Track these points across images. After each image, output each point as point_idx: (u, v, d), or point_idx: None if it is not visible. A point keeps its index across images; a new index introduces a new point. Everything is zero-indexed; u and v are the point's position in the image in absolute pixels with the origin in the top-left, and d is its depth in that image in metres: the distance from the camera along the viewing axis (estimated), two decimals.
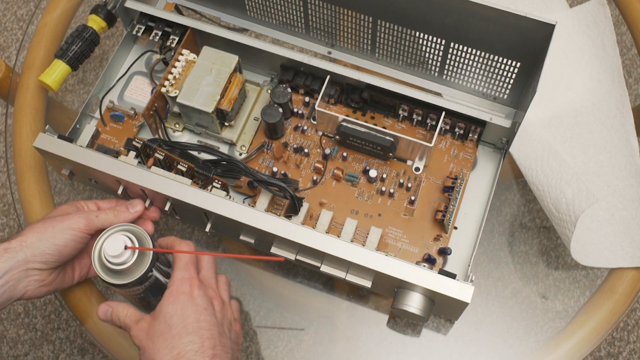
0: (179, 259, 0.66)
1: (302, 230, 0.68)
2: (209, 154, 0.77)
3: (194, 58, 0.78)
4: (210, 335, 0.60)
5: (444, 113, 0.75)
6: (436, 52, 0.77)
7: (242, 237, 0.72)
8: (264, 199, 0.73)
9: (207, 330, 0.60)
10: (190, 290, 0.63)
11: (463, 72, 0.78)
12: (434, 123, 0.78)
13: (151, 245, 0.66)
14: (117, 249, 0.63)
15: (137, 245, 0.65)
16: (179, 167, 0.73)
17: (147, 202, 0.75)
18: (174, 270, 0.65)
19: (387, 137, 0.75)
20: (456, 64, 0.77)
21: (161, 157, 0.73)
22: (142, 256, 0.65)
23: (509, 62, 0.74)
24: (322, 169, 0.78)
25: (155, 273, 0.67)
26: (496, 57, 0.74)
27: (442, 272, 0.68)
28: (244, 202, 0.76)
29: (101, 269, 0.65)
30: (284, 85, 0.78)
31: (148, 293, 0.69)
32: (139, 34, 0.83)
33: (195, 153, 0.78)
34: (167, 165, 0.74)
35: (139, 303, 0.73)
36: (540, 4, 0.90)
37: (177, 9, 0.88)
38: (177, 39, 0.81)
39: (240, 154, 0.80)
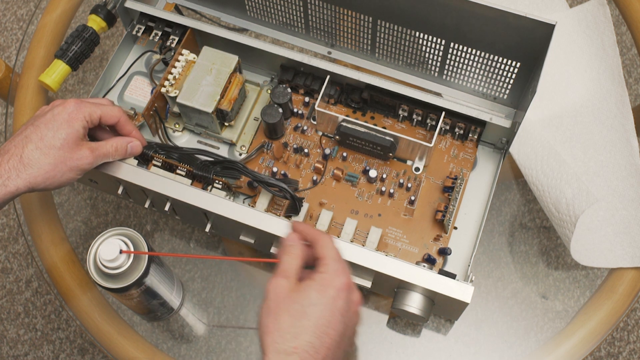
0: (329, 245, 0.61)
1: None
2: (207, 156, 0.76)
3: (194, 58, 0.78)
4: (329, 345, 0.57)
5: (443, 113, 0.75)
6: (436, 52, 0.77)
7: (242, 237, 0.72)
8: (263, 199, 0.73)
9: (330, 339, 0.57)
10: (340, 286, 0.58)
11: (463, 72, 0.78)
12: (434, 123, 0.78)
13: (146, 249, 0.66)
14: (112, 253, 0.63)
15: (132, 249, 0.65)
16: (178, 171, 0.73)
17: (147, 203, 0.75)
18: (325, 257, 0.60)
19: (387, 137, 0.75)
20: (456, 64, 0.77)
21: (159, 164, 0.73)
22: (138, 260, 0.65)
23: (509, 62, 0.74)
24: (322, 169, 0.78)
25: (151, 276, 0.67)
26: (496, 57, 0.74)
27: (442, 272, 0.68)
28: (244, 202, 0.76)
29: (97, 274, 0.65)
30: (284, 85, 0.78)
31: (146, 296, 0.69)
32: (139, 34, 0.83)
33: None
34: (168, 168, 0.74)
35: (137, 307, 0.73)
36: (540, 4, 0.90)
37: (177, 9, 0.88)
38: (177, 39, 0.81)
39: (240, 154, 0.80)
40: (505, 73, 0.76)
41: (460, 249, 0.74)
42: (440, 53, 0.77)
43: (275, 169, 0.77)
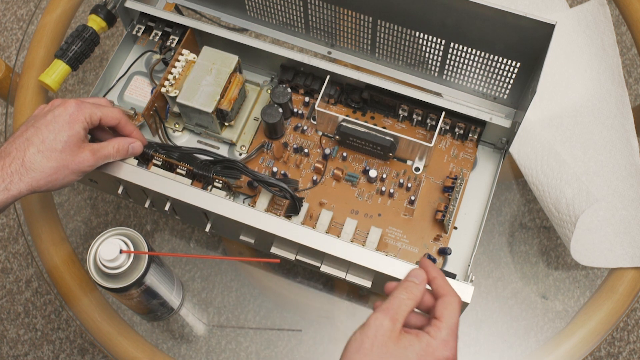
0: (454, 308, 0.55)
1: (302, 230, 0.68)
2: (207, 156, 0.76)
3: (194, 58, 0.78)
4: None
5: (443, 113, 0.75)
6: (436, 52, 0.77)
7: (242, 237, 0.72)
8: (264, 199, 0.73)
9: None
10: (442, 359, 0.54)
11: (463, 72, 0.78)
12: (434, 123, 0.78)
13: (146, 249, 0.66)
14: (112, 253, 0.63)
15: (132, 249, 0.65)
16: (179, 170, 0.73)
17: (147, 202, 0.75)
18: (442, 320, 0.55)
19: (387, 137, 0.75)
20: (456, 64, 0.77)
21: (159, 163, 0.73)
22: (138, 260, 0.65)
23: (509, 62, 0.74)
24: (322, 169, 0.78)
25: (151, 276, 0.67)
26: (496, 57, 0.74)
27: (442, 272, 0.68)
28: (244, 202, 0.76)
29: (97, 274, 0.65)
30: (284, 85, 0.78)
31: (146, 296, 0.69)
32: (139, 34, 0.83)
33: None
34: (168, 167, 0.74)
35: (137, 307, 0.73)
36: (540, 4, 0.90)
37: (177, 9, 0.88)
38: (177, 39, 0.81)
39: (240, 154, 0.80)
40: (505, 73, 0.76)
41: (460, 249, 0.74)
42: (440, 53, 0.77)
43: (275, 169, 0.77)
